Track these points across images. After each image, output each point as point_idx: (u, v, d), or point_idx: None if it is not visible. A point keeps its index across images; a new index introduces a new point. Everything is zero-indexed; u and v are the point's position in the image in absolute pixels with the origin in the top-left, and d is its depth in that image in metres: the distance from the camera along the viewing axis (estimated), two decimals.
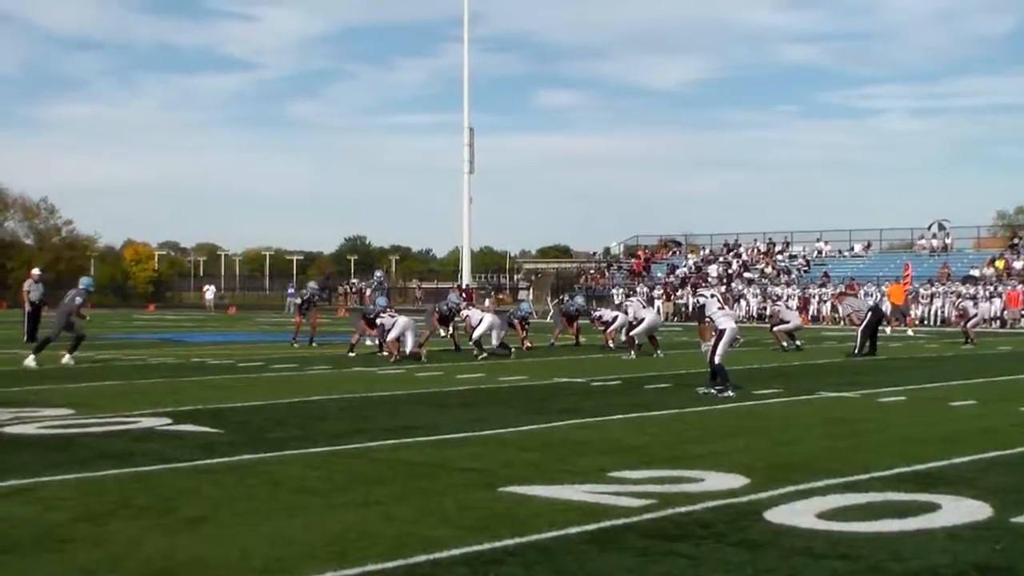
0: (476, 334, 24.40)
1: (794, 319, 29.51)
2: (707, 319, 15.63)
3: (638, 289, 51.35)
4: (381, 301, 25.22)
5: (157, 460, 9.74)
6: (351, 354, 24.24)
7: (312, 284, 31.55)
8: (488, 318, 25.26)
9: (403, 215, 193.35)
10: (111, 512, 7.59)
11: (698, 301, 16.15)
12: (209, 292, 72.89)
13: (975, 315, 33.88)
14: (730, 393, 15.19)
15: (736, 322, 15.74)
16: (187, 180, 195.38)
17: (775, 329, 28.06)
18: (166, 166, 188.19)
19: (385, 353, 23.29)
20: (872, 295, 43.85)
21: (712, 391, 15.38)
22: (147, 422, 12.41)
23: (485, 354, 23.85)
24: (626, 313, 26.90)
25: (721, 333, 15.38)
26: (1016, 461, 10.04)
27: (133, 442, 10.95)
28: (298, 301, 30.51)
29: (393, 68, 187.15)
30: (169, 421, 12.49)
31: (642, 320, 25.52)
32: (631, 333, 25.24)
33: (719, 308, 15.50)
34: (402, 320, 23.25)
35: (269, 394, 15.70)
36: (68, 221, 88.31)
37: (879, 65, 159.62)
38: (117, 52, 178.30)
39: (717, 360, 15.33)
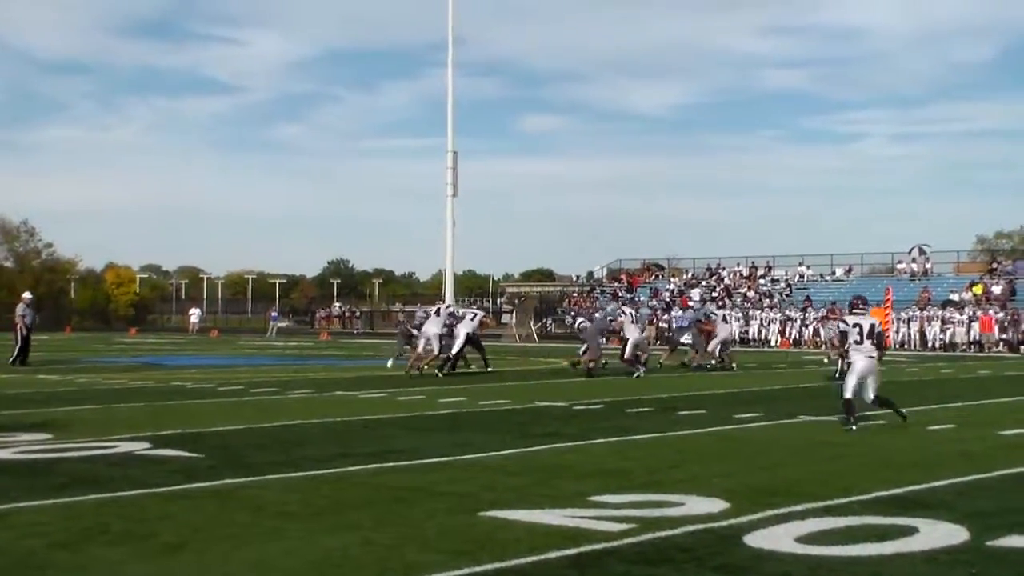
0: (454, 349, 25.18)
1: (723, 331, 29.45)
2: (846, 345, 14.91)
3: (626, 311, 51.35)
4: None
5: (136, 485, 9.70)
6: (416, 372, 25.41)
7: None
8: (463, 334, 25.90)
9: (386, 238, 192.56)
10: (89, 538, 7.56)
11: (838, 326, 15.81)
12: (194, 315, 72.65)
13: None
14: (852, 428, 14.31)
15: (867, 357, 14.47)
16: (170, 203, 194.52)
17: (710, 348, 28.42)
18: (149, 189, 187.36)
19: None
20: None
21: (852, 428, 14.28)
22: (126, 447, 12.36)
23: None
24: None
25: (849, 366, 14.88)
26: (993, 485, 10.09)
27: (112, 467, 10.90)
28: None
29: (377, 92, 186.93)
30: (148, 446, 12.44)
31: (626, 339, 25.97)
32: (625, 356, 25.68)
33: (856, 341, 14.61)
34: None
35: (250, 418, 15.66)
36: (48, 244, 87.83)
37: (862, 90, 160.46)
38: (100, 75, 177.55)
39: (847, 394, 14.53)
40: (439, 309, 26.91)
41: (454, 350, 25.99)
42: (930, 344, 45.05)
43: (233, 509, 8.65)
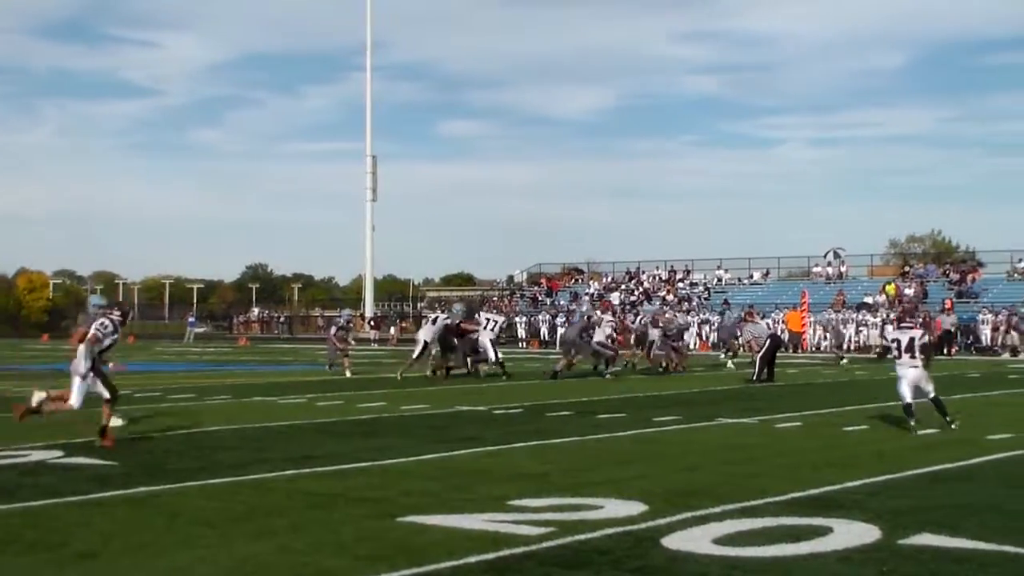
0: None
1: (653, 333, 29.93)
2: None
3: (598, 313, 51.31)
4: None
5: (48, 494, 9.51)
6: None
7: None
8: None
9: (306, 243, 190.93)
10: None
11: (884, 336, 15.80)
12: None
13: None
14: (913, 425, 14.48)
15: (908, 368, 14.72)
16: (84, 207, 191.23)
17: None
18: (63, 193, 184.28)
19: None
20: (779, 321, 44.56)
21: (913, 426, 14.48)
22: (38, 455, 12.12)
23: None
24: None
25: (899, 379, 14.90)
26: (905, 484, 10.29)
27: (22, 476, 10.69)
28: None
29: (296, 95, 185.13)
30: (61, 454, 12.22)
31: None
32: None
33: (895, 356, 14.92)
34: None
35: (167, 425, 15.45)
36: None
37: (778, 96, 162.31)
38: (12, 77, 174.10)
39: (907, 400, 14.73)
40: (435, 319, 27.82)
41: (492, 356, 27.17)
42: (844, 346, 45.73)
43: (148, 516, 8.53)
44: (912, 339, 14.86)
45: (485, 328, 27.62)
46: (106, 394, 13.18)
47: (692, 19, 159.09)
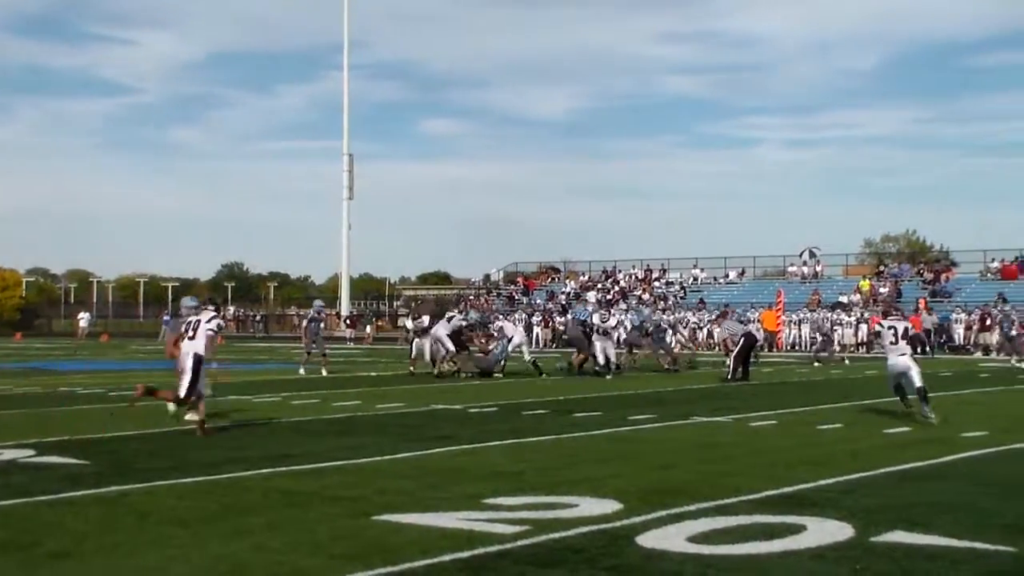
0: None
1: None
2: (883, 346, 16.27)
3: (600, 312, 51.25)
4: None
5: (18, 493, 9.44)
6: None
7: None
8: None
9: (281, 241, 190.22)
10: None
11: (877, 330, 16.75)
12: (83, 319, 71.05)
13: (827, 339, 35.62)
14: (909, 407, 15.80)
15: (899, 356, 15.83)
16: (58, 205, 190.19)
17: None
18: (36, 190, 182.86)
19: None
20: (754, 320, 44.65)
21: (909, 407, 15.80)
22: (9, 454, 12.03)
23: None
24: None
25: (889, 367, 16.04)
26: (879, 482, 10.33)
27: None
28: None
29: (274, 94, 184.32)
30: (33, 453, 12.14)
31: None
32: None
33: (891, 343, 15.80)
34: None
35: (140, 424, 15.37)
36: None
37: (756, 96, 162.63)
38: None
39: (920, 384, 15.63)
40: (451, 317, 28.16)
41: (527, 356, 28.74)
42: (824, 346, 45.86)
43: (120, 516, 8.48)
44: (906, 328, 15.93)
45: (518, 327, 29.56)
46: (182, 391, 14.27)
47: (673, 20, 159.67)
